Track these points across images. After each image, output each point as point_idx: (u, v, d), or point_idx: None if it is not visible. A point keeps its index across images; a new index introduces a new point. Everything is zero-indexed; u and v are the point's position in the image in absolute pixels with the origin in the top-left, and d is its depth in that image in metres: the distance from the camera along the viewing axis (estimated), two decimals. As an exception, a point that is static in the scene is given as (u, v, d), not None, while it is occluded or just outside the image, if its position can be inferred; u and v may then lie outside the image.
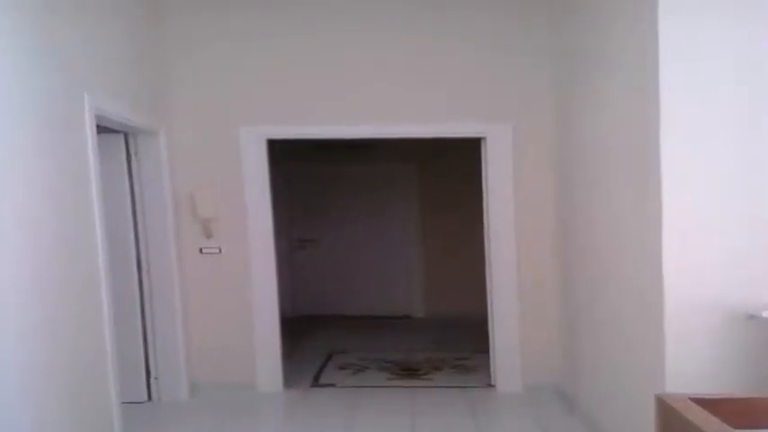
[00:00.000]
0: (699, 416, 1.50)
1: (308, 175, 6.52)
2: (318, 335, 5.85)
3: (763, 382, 2.31)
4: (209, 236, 3.92)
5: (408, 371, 4.56)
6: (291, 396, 4.02)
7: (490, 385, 4.10)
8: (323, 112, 3.86)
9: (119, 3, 3.21)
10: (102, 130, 3.02)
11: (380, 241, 6.55)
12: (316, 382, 4.33)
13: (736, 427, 1.49)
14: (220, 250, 3.95)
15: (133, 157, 3.64)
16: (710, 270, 2.33)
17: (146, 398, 3.80)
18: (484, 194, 3.99)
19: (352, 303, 6.55)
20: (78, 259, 2.68)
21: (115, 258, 3.26)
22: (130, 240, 3.66)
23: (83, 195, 2.74)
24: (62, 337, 2.50)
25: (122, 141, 3.59)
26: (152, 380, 3.81)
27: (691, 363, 2.37)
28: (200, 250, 3.95)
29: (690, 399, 1.62)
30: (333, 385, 4.26)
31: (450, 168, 6.09)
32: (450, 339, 5.50)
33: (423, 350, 5.15)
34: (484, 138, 3.90)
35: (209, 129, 3.89)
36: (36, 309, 2.32)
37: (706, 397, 1.65)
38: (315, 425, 3.54)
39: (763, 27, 2.28)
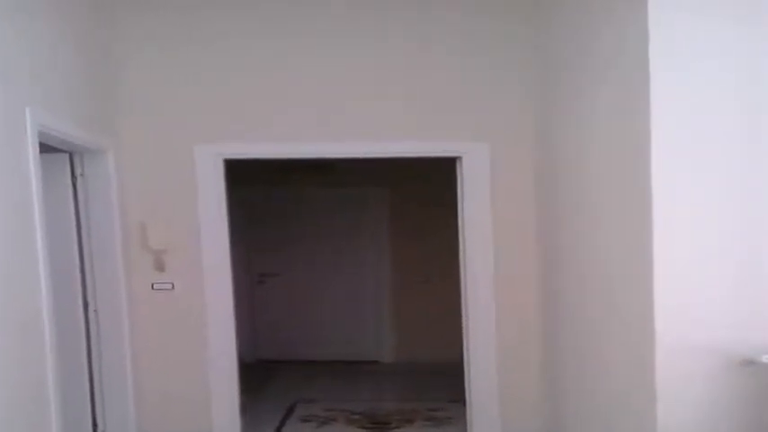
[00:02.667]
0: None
1: (268, 201, 6.40)
2: (280, 382, 5.70)
3: (762, 434, 2.29)
4: (161, 269, 3.79)
5: (378, 424, 4.44)
6: (249, 452, 3.87)
7: (468, 439, 4.00)
8: (285, 129, 3.79)
9: (63, 8, 3.10)
10: (44, 148, 2.90)
11: (347, 276, 6.46)
12: (277, 437, 4.20)
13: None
14: (173, 286, 3.81)
15: (79, 179, 3.50)
16: (706, 311, 2.33)
17: (92, 454, 3.59)
18: (459, 222, 3.93)
19: (317, 346, 6.41)
20: (18, 298, 2.52)
21: (59, 296, 3.07)
22: (76, 274, 3.47)
23: (23, 223, 2.59)
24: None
25: (67, 161, 3.45)
26: (99, 434, 3.61)
27: (684, 412, 2.35)
28: (152, 285, 3.80)
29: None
30: (296, 440, 4.14)
31: (424, 193, 5.99)
32: (423, 387, 5.41)
33: (393, 400, 5.03)
34: (459, 157, 3.86)
35: (162, 147, 3.77)
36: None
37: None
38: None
39: (764, 28, 2.29)
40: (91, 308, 3.55)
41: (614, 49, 2.61)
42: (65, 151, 3.39)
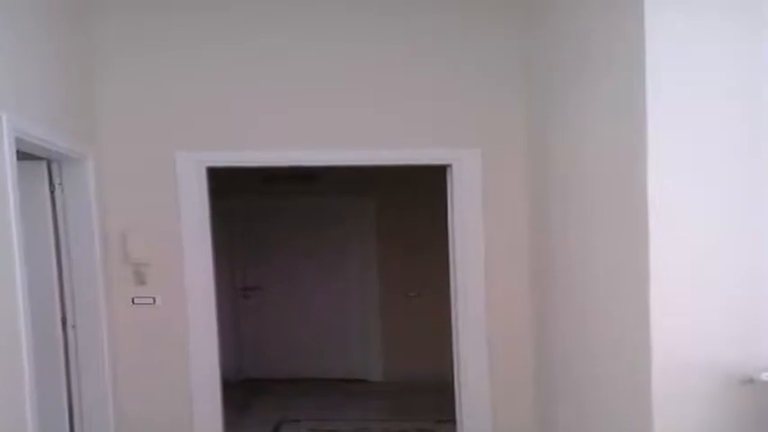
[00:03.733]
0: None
1: (252, 212, 6.34)
2: (265, 400, 5.63)
3: (763, 455, 2.27)
4: (142, 283, 3.72)
5: (366, 444, 4.38)
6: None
7: (459, 461, 3.95)
8: (269, 136, 3.75)
9: (39, 11, 3.04)
10: (20, 156, 2.83)
11: (334, 289, 6.39)
12: (260, 459, 4.12)
13: None
14: (155, 300, 3.74)
15: (57, 189, 3.44)
16: (704, 327, 2.31)
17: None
18: (450, 233, 3.89)
19: (302, 364, 6.33)
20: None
21: (36, 312, 2.98)
22: (54, 291, 3.38)
23: (0, 237, 2.53)
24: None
25: (44, 169, 3.39)
26: (79, 465, 3.51)
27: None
28: (133, 300, 3.73)
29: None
30: (280, 461, 4.06)
31: (412, 202, 5.94)
32: (412, 406, 5.35)
33: (381, 419, 4.97)
34: (449, 165, 3.82)
35: (143, 154, 3.71)
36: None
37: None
38: None
39: (765, 29, 2.27)
40: (69, 324, 3.47)
41: (609, 52, 2.60)
42: (42, 159, 3.33)
